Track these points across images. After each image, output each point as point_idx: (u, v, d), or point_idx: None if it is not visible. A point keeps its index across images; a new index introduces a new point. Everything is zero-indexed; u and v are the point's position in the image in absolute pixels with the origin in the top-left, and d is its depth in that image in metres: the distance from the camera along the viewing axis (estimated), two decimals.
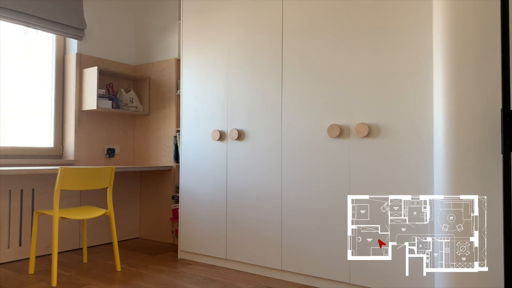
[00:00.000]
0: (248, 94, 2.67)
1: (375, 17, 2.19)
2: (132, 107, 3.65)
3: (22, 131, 3.24)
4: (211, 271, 2.67)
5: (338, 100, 2.30)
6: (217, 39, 2.85)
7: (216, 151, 2.81)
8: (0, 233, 2.83)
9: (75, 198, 3.29)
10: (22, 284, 2.39)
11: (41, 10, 3.15)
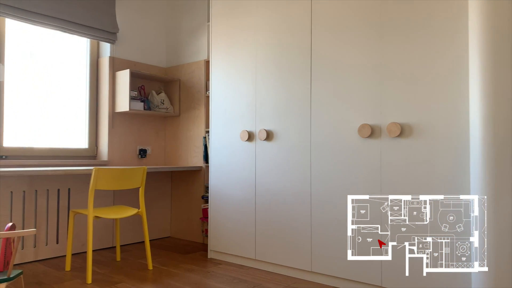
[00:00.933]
0: (276, 94, 2.67)
1: (408, 13, 2.13)
2: (163, 109, 3.72)
3: (59, 133, 3.37)
4: (240, 271, 2.68)
5: (369, 99, 2.25)
6: (246, 40, 2.86)
7: (245, 152, 2.82)
8: (38, 231, 2.94)
9: (109, 198, 3.38)
10: (59, 281, 2.47)
11: (75, 15, 3.26)
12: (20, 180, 2.86)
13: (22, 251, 2.85)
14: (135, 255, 3.10)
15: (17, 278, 1.83)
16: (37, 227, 2.94)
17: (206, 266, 2.82)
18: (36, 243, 2.93)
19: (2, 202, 2.77)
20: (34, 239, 2.92)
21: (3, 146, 3.00)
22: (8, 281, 1.73)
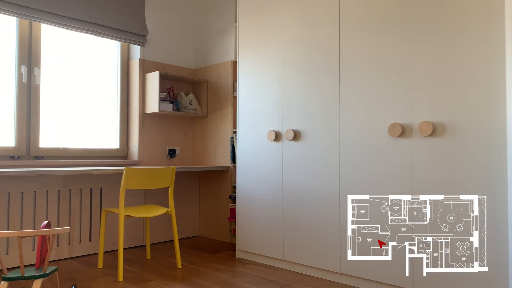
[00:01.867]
0: (304, 93, 2.64)
1: (440, 8, 2.06)
2: (191, 110, 3.76)
3: (92, 134, 3.47)
4: (268, 272, 2.67)
5: (399, 97, 2.20)
6: (273, 40, 2.85)
7: (272, 152, 2.82)
8: (72, 229, 3.04)
9: (139, 197, 3.45)
10: (92, 277, 2.55)
11: (107, 19, 3.34)
12: (55, 179, 2.96)
13: (57, 248, 2.95)
14: (164, 254, 3.16)
15: (52, 274, 1.89)
16: (71, 225, 3.04)
17: (234, 265, 2.83)
18: (70, 241, 3.03)
19: (39, 201, 2.87)
20: (68, 237, 3.02)
21: (39, 147, 3.11)
22: (44, 277, 1.79)
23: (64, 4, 3.09)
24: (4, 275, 1.77)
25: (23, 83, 3.04)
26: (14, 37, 3.02)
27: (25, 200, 2.81)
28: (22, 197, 2.80)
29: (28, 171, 2.48)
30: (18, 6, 2.86)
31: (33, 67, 3.09)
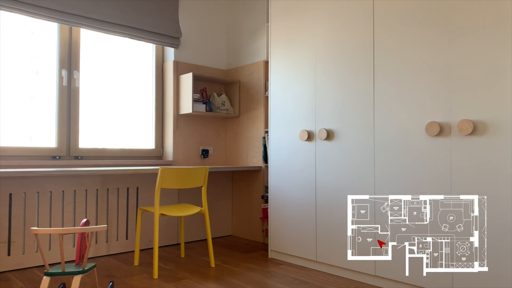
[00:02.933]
0: (337, 92, 2.60)
1: (480, 5, 1.97)
2: (223, 110, 3.79)
3: (129, 134, 3.56)
4: (301, 272, 2.65)
5: (436, 95, 2.12)
6: (305, 38, 2.83)
7: (304, 152, 2.79)
8: (110, 227, 3.14)
9: (174, 196, 3.51)
10: (128, 274, 2.61)
11: (142, 22, 3.43)
12: (93, 179, 3.07)
13: (96, 245, 3.05)
14: (198, 252, 3.20)
15: (91, 270, 1.95)
16: (109, 223, 3.13)
17: (266, 266, 2.82)
18: (108, 238, 3.12)
19: (78, 199, 2.98)
20: (106, 235, 3.11)
21: (79, 147, 3.23)
22: (83, 273, 1.85)
23: (102, 9, 3.19)
24: (46, 270, 1.85)
25: (63, 86, 3.16)
26: (55, 42, 3.15)
27: (66, 198, 2.93)
28: (63, 195, 2.92)
29: (69, 171, 2.58)
30: (59, 12, 2.98)
31: (73, 70, 3.21)
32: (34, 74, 3.09)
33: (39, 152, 3.03)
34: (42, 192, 2.82)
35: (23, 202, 2.74)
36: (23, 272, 2.64)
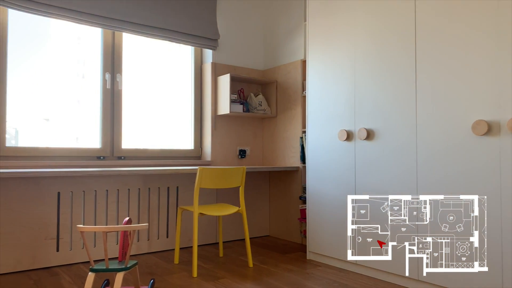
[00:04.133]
0: (377, 90, 2.54)
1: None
2: (260, 110, 3.80)
3: (169, 135, 3.65)
4: (340, 275, 2.60)
5: (484, 92, 2.02)
6: (344, 37, 2.77)
7: (343, 152, 2.74)
8: (151, 225, 3.22)
9: (212, 196, 3.56)
10: (169, 272, 2.67)
11: (181, 25, 3.50)
12: (136, 178, 3.16)
13: (138, 243, 3.15)
14: (236, 252, 3.22)
15: (133, 268, 2.01)
16: (150, 222, 3.22)
17: (305, 267, 2.80)
18: (149, 236, 3.21)
19: (121, 199, 3.09)
20: (147, 233, 3.20)
21: (122, 148, 3.34)
22: (125, 270, 1.91)
23: (143, 14, 3.29)
24: (91, 266, 1.93)
25: (107, 89, 3.28)
26: (99, 47, 3.28)
27: (110, 197, 3.03)
28: (107, 195, 3.03)
29: (112, 171, 2.68)
30: (102, 18, 3.10)
31: (116, 73, 3.33)
32: (80, 78, 3.23)
33: (85, 152, 3.16)
34: (87, 191, 2.94)
35: (70, 200, 2.87)
36: (71, 268, 2.76)
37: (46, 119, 3.09)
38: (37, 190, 2.74)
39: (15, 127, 2.96)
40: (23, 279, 2.51)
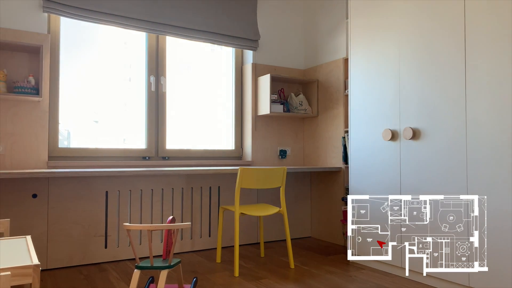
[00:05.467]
0: (424, 88, 2.44)
1: None
2: (301, 110, 3.77)
3: (211, 136, 3.71)
4: (385, 279, 2.53)
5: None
6: (387, 34, 2.69)
7: (388, 152, 2.66)
8: (194, 224, 3.28)
9: (253, 196, 3.57)
10: (211, 271, 2.71)
11: (223, 27, 3.54)
12: (179, 178, 3.23)
13: (181, 241, 3.22)
14: (277, 253, 3.21)
15: (176, 266, 2.06)
16: (193, 221, 3.28)
17: (347, 269, 2.74)
18: (192, 235, 3.27)
19: (166, 198, 3.17)
20: (190, 232, 3.27)
21: (166, 148, 3.43)
22: (169, 268, 1.96)
23: (186, 17, 3.36)
24: (137, 263, 1.99)
25: (152, 91, 3.39)
26: (144, 51, 3.39)
27: (154, 196, 3.12)
28: (152, 194, 3.12)
29: (156, 171, 2.76)
30: (147, 22, 3.20)
31: (160, 76, 3.42)
32: (127, 82, 3.35)
33: (131, 153, 3.28)
34: (134, 190, 3.04)
35: (117, 199, 2.98)
36: (118, 264, 2.87)
37: (96, 121, 3.24)
38: (87, 189, 2.88)
39: (68, 129, 3.12)
40: (75, 274, 2.64)
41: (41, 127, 2.84)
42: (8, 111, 2.74)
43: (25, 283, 1.22)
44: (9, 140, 2.74)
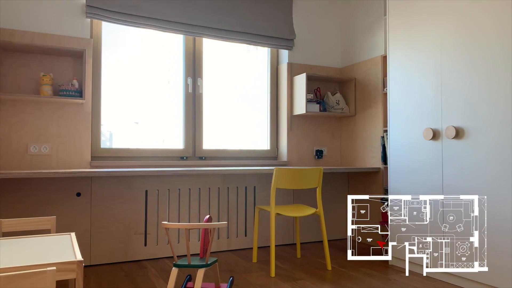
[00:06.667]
0: (467, 85, 2.33)
1: None
2: (338, 109, 3.71)
3: (246, 136, 3.72)
4: (426, 283, 2.43)
5: None
6: (428, 29, 2.60)
7: (429, 152, 2.56)
8: (230, 224, 3.31)
9: (289, 196, 3.55)
10: (247, 271, 2.72)
11: (258, 28, 3.55)
12: (215, 178, 3.27)
13: (218, 240, 3.25)
14: (314, 254, 3.17)
15: (213, 265, 2.08)
16: (229, 220, 3.31)
17: (387, 272, 2.67)
18: (228, 234, 3.30)
19: (202, 197, 3.21)
20: (226, 231, 3.29)
21: (203, 148, 3.48)
22: (206, 266, 1.98)
23: (222, 18, 3.39)
24: (175, 262, 2.03)
25: (189, 92, 3.44)
26: (181, 53, 3.45)
27: (192, 196, 3.18)
28: (190, 193, 3.17)
29: (194, 170, 2.80)
30: (184, 25, 3.25)
31: (197, 78, 3.48)
32: (166, 84, 3.43)
33: (169, 153, 3.35)
34: (172, 190, 3.10)
35: (156, 198, 3.05)
36: (157, 262, 2.94)
37: (136, 123, 3.33)
38: (128, 188, 2.97)
39: (110, 130, 3.23)
40: (116, 270, 2.73)
41: (85, 129, 2.96)
42: (54, 113, 2.87)
43: (69, 278, 1.27)
44: (55, 141, 2.87)
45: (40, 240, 1.65)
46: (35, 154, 2.81)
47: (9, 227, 1.95)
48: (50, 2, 2.88)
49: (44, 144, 2.83)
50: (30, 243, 1.59)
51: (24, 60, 2.81)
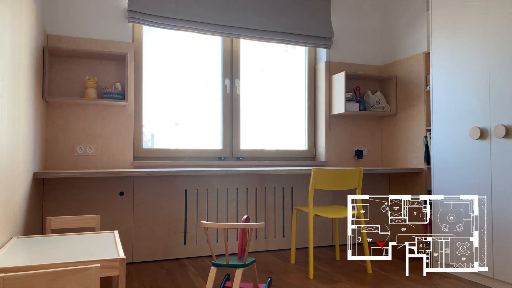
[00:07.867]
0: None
1: None
2: (379, 108, 3.61)
3: (284, 136, 3.71)
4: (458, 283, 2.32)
5: None
6: (474, 24, 2.47)
7: (476, 152, 2.43)
8: (267, 224, 3.30)
9: (328, 197, 3.50)
10: (285, 272, 2.70)
11: (295, 27, 3.52)
12: (253, 178, 3.28)
13: (256, 241, 3.26)
14: None
15: (251, 265, 2.08)
16: (266, 221, 3.30)
17: (430, 277, 2.57)
18: (266, 235, 3.29)
19: (240, 197, 3.23)
20: (264, 231, 3.29)
21: (240, 149, 3.50)
22: (244, 266, 1.99)
23: (259, 19, 3.40)
24: (213, 261, 2.05)
25: (227, 93, 3.47)
26: (219, 54, 3.49)
27: (230, 196, 3.20)
28: (228, 193, 3.20)
29: (232, 171, 2.82)
30: (221, 26, 3.29)
31: (234, 79, 3.50)
32: (204, 85, 3.48)
33: (208, 153, 3.40)
34: (210, 189, 3.14)
35: (195, 197, 3.10)
36: (196, 260, 2.99)
37: (176, 124, 3.40)
38: (168, 187, 3.03)
39: (151, 131, 3.32)
40: (157, 268, 2.80)
41: (127, 130, 3.06)
42: (98, 115, 2.99)
43: (113, 275, 1.32)
44: (99, 142, 2.98)
45: (85, 237, 1.72)
46: (80, 154, 2.93)
47: (57, 224, 2.05)
48: (95, 9, 3.00)
49: (89, 145, 2.95)
50: (76, 240, 1.66)
51: (70, 65, 2.94)
